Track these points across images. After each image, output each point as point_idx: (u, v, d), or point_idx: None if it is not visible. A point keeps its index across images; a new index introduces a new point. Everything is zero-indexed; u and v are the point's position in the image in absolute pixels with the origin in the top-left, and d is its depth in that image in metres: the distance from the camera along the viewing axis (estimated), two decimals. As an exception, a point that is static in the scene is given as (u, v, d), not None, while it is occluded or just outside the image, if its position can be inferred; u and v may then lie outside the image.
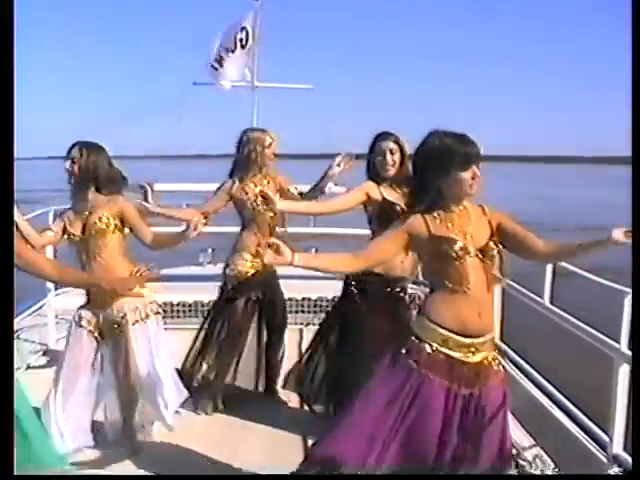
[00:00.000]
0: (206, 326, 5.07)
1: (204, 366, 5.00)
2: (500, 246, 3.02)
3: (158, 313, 4.27)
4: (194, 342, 5.08)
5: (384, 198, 4.29)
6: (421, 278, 4.60)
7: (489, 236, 3.01)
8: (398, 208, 4.14)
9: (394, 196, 4.29)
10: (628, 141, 2.96)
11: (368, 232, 4.48)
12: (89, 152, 4.02)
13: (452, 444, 2.97)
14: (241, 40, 8.11)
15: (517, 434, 4.16)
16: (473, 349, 2.98)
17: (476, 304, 2.95)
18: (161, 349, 4.22)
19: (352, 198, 4.39)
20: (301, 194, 5.03)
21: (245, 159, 4.90)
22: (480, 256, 2.96)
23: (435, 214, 2.97)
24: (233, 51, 8.26)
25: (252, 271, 4.90)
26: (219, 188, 4.95)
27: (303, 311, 7.30)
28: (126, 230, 4.13)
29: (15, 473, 2.46)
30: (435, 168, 2.91)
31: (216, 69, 8.28)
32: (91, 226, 4.04)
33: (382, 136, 4.37)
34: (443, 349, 2.96)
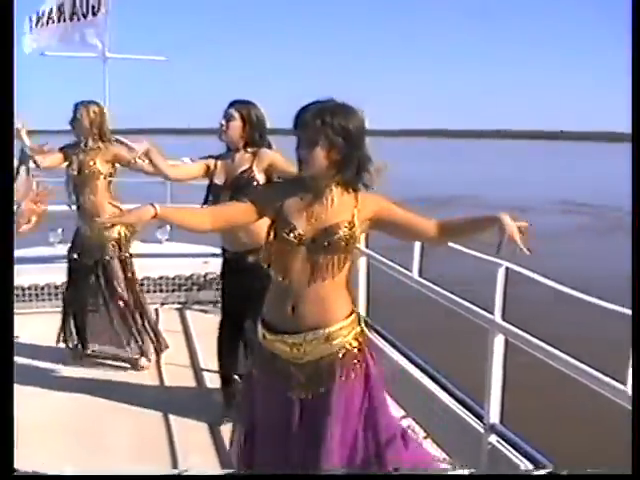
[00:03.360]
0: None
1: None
2: (351, 237, 2.69)
3: None
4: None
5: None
6: None
7: (340, 222, 2.67)
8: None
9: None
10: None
11: None
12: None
13: (299, 450, 2.75)
14: (93, 7, 7.68)
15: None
16: (295, 347, 2.72)
17: (291, 297, 2.69)
18: None
19: (195, 168, 4.52)
20: None
21: (75, 129, 5.33)
22: (311, 243, 2.66)
23: (296, 193, 2.72)
24: (79, 18, 7.85)
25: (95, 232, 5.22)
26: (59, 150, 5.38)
27: (159, 290, 7.14)
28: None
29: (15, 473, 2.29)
30: (363, 144, 2.67)
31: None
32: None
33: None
34: (269, 347, 2.78)
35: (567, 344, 3.31)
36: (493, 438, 3.57)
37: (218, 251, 4.70)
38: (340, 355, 2.74)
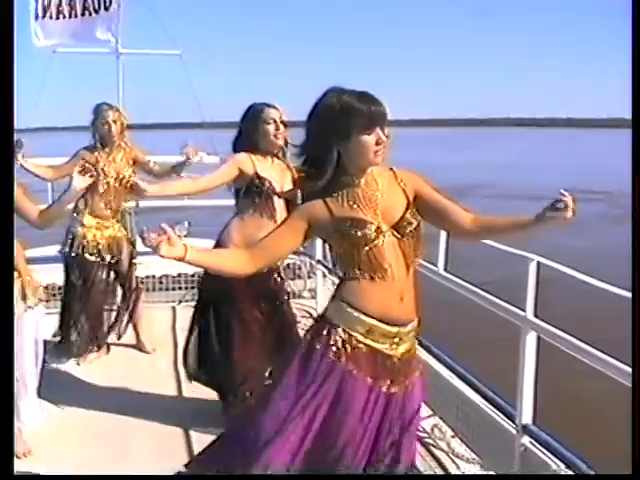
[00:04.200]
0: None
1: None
2: (419, 217, 2.60)
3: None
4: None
5: (257, 172, 4.14)
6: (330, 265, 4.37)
7: (405, 207, 2.57)
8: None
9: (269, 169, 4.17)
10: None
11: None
12: None
13: (368, 445, 2.64)
14: (105, 2, 7.60)
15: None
16: (397, 339, 2.61)
17: (397, 288, 2.57)
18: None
19: (223, 173, 4.20)
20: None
21: (96, 133, 5.27)
22: (395, 234, 2.54)
23: (335, 193, 2.54)
24: (91, 14, 7.76)
25: (92, 232, 5.28)
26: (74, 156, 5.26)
27: (177, 288, 7.07)
28: None
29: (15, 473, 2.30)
30: (333, 132, 2.45)
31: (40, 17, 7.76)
32: None
33: (263, 104, 4.19)
34: (367, 340, 2.58)
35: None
36: (526, 439, 3.45)
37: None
38: (413, 350, 2.71)
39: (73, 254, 5.33)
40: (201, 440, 4.11)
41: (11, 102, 2.67)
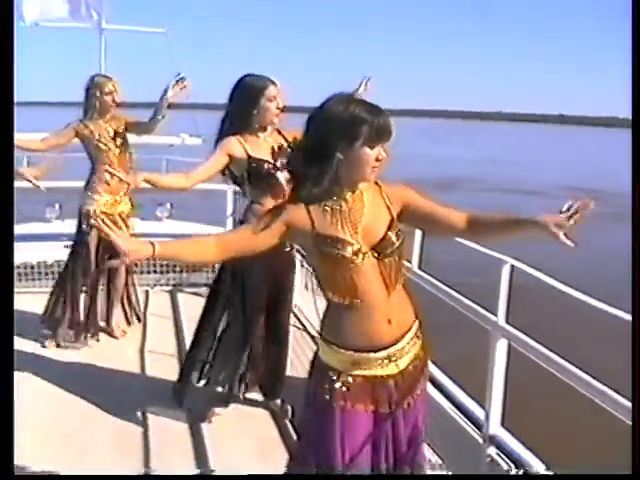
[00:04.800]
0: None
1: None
2: (402, 234, 2.47)
3: None
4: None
5: (249, 155, 3.90)
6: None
7: (388, 225, 2.44)
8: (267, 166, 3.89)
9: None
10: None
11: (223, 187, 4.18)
12: None
13: (382, 464, 2.54)
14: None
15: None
16: (394, 358, 2.48)
17: (382, 312, 2.44)
18: None
19: (214, 162, 3.96)
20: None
21: (89, 103, 5.26)
22: (376, 255, 2.41)
23: (326, 205, 2.41)
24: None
25: (102, 209, 5.17)
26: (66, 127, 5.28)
27: (152, 271, 6.93)
28: None
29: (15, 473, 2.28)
30: (339, 137, 2.33)
31: None
32: None
33: (261, 78, 3.92)
34: (357, 372, 2.47)
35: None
36: (492, 450, 3.34)
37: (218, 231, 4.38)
38: (421, 358, 2.57)
39: (85, 232, 5.29)
40: (161, 427, 4.10)
41: (11, 100, 2.62)
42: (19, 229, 6.35)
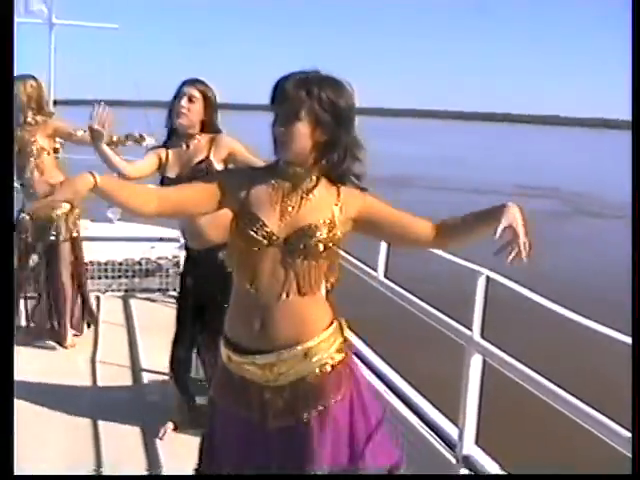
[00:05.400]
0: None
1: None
2: (337, 240, 2.25)
3: None
4: None
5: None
6: None
7: (322, 223, 2.22)
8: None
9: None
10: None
11: None
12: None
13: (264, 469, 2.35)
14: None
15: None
16: (272, 368, 2.27)
17: (262, 311, 2.24)
18: None
19: (147, 164, 3.89)
20: None
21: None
22: (284, 248, 2.21)
23: (276, 181, 2.24)
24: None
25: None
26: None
27: (103, 277, 6.67)
28: None
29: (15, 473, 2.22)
30: (353, 125, 2.24)
31: None
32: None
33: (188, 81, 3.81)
34: (233, 368, 2.33)
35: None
36: (465, 471, 3.14)
37: (171, 233, 4.22)
38: (324, 373, 2.30)
39: (17, 237, 5.13)
40: (112, 436, 3.96)
41: (11, 100, 2.45)
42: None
